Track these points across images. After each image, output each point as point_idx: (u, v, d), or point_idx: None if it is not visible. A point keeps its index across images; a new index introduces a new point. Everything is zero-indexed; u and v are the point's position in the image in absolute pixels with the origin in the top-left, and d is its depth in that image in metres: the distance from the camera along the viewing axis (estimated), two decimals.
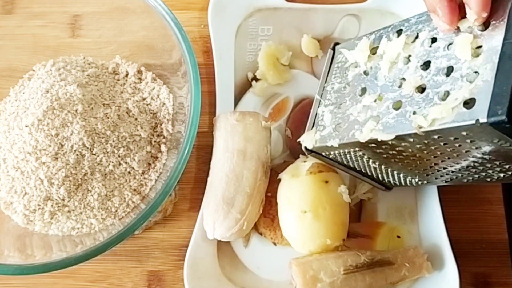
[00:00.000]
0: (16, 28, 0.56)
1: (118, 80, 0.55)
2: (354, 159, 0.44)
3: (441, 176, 0.42)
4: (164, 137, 0.52)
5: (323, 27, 0.57)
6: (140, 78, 0.55)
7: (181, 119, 0.51)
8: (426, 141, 0.35)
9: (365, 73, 0.42)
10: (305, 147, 0.45)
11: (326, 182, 0.46)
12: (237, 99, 0.55)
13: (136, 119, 0.51)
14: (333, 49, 0.49)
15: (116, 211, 0.49)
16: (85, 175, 0.47)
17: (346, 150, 0.42)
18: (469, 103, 0.31)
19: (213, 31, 0.55)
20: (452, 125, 0.32)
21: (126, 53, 0.56)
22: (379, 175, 0.47)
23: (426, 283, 0.48)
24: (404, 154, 0.39)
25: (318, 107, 0.46)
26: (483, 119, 0.29)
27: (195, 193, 0.52)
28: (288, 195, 0.47)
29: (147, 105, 0.53)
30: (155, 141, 0.52)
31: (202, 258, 0.48)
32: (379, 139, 0.37)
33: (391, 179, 0.47)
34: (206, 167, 0.52)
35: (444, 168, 0.40)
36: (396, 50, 0.39)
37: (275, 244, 0.50)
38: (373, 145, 0.39)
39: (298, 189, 0.46)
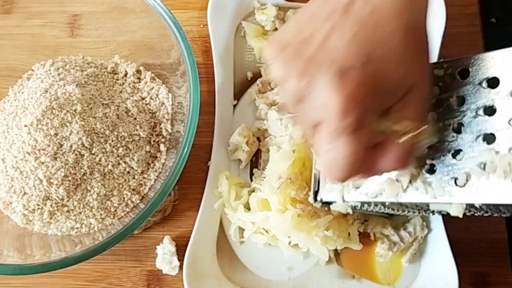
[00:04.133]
0: (15, 27, 0.56)
1: (117, 79, 0.55)
2: (372, 208, 0.41)
3: None
4: (163, 137, 0.52)
5: None
6: (139, 78, 0.55)
7: (180, 118, 0.51)
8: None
9: None
10: (315, 201, 0.42)
11: None
12: (237, 99, 0.55)
13: (135, 118, 0.51)
14: None
15: (115, 210, 0.49)
16: (84, 174, 0.47)
17: (366, 204, 0.39)
18: None
19: (213, 31, 0.55)
20: None
21: (125, 52, 0.56)
22: (388, 212, 0.46)
23: (425, 283, 0.48)
24: None
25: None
26: None
27: (194, 192, 0.52)
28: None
29: (146, 104, 0.53)
30: (154, 141, 0.52)
31: (202, 258, 0.48)
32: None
33: (399, 213, 0.46)
34: (205, 167, 0.52)
35: None
36: None
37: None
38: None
39: None
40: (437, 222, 0.48)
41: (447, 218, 0.48)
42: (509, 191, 0.30)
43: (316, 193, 0.42)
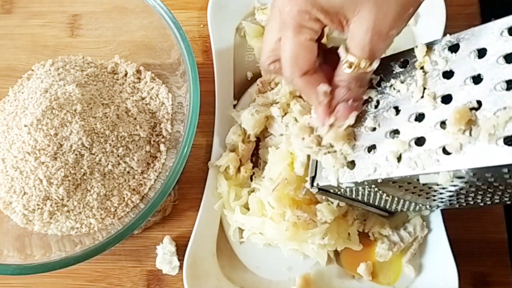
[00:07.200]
0: (15, 27, 0.56)
1: (117, 79, 0.55)
2: (366, 193, 0.42)
3: (453, 201, 0.42)
4: (163, 137, 0.52)
5: None
6: (139, 78, 0.55)
7: (180, 118, 0.51)
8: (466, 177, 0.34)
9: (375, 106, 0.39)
10: (312, 186, 0.42)
11: None
12: (237, 99, 0.55)
13: (135, 118, 0.51)
14: None
15: (115, 210, 0.49)
16: (84, 174, 0.47)
17: (360, 187, 0.40)
18: (507, 141, 0.30)
19: (213, 31, 0.55)
20: (497, 164, 0.30)
21: (125, 52, 0.56)
22: (387, 205, 0.46)
23: (425, 283, 0.48)
24: (425, 187, 0.38)
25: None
26: None
27: (194, 192, 0.52)
28: None
29: (146, 104, 0.53)
30: (154, 141, 0.52)
31: (202, 258, 0.48)
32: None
33: (399, 207, 0.46)
34: (205, 167, 0.52)
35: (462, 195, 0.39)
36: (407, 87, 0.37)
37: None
38: (399, 182, 0.37)
39: None
40: (437, 222, 0.48)
41: (447, 218, 0.48)
42: (493, 153, 0.30)
43: (313, 179, 0.42)
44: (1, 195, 0.49)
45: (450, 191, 0.38)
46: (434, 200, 0.42)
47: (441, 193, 0.39)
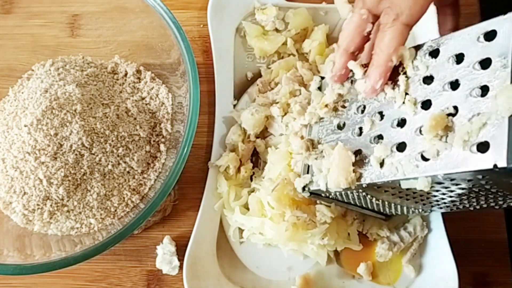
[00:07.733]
0: (15, 27, 0.56)
1: (117, 79, 0.55)
2: (356, 197, 0.43)
3: (442, 205, 0.42)
4: (163, 137, 0.52)
5: None
6: (139, 78, 0.55)
7: (180, 118, 0.51)
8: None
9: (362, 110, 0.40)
10: (303, 190, 0.43)
11: None
12: (237, 99, 0.55)
13: (135, 118, 0.51)
14: (319, 89, 0.46)
15: (115, 210, 0.49)
16: (84, 174, 0.47)
17: (349, 192, 0.40)
18: (481, 147, 0.31)
19: (213, 31, 0.55)
20: (468, 170, 0.31)
21: (125, 52, 0.56)
22: (381, 208, 0.46)
23: (425, 283, 0.48)
24: (410, 192, 0.39)
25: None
26: (502, 164, 0.29)
27: (194, 192, 0.52)
28: None
29: (146, 104, 0.53)
30: (154, 141, 0.52)
31: (202, 258, 0.48)
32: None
33: (393, 210, 0.46)
34: (205, 167, 0.52)
35: (445, 199, 0.40)
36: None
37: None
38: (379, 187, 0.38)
39: None
40: (437, 222, 0.48)
41: (447, 218, 0.48)
42: (466, 160, 0.31)
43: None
44: (1, 195, 0.49)
45: (435, 196, 0.39)
46: (424, 204, 0.42)
47: (427, 198, 0.40)
